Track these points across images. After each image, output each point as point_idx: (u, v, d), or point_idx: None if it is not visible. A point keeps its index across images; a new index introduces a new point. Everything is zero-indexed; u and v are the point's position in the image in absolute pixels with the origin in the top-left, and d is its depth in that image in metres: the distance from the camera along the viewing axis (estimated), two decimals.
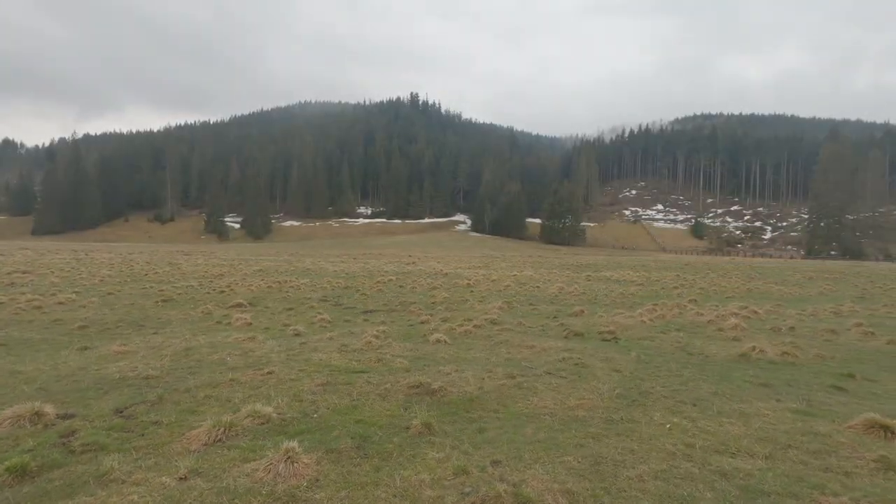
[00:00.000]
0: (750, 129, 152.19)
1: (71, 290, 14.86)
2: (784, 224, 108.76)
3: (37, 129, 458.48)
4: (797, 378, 6.56)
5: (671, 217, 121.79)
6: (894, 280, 27.85)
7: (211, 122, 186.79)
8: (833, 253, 78.36)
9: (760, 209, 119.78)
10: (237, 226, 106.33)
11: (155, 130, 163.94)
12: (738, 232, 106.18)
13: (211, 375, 6.22)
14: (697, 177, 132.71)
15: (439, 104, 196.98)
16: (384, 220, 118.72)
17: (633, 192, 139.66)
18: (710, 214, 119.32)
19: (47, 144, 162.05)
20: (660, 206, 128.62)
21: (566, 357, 7.33)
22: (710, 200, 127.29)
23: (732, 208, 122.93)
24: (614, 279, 24.76)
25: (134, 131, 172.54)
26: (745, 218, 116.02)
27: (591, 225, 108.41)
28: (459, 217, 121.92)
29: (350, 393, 5.52)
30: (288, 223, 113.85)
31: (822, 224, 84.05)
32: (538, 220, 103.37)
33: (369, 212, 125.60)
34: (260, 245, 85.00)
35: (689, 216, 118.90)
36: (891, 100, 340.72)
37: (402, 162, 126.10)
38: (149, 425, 4.50)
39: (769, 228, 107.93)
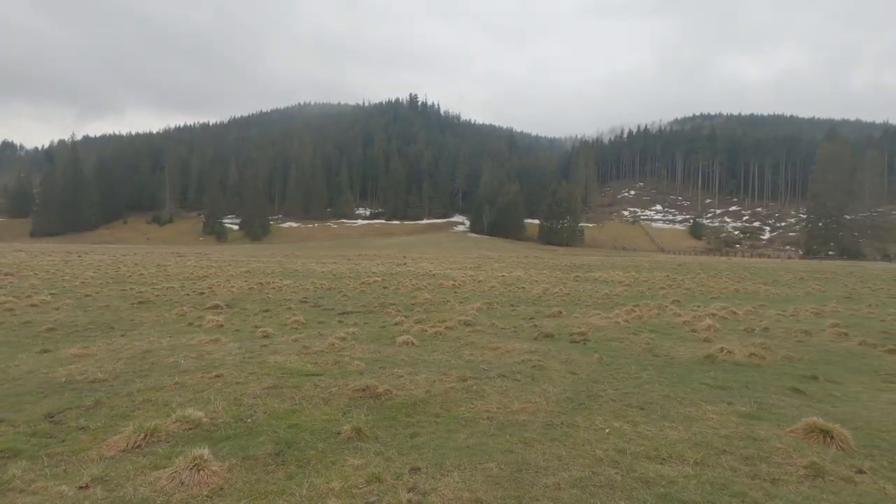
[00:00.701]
0: (749, 130, 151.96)
1: (48, 292, 14.77)
2: (783, 224, 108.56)
3: (36, 130, 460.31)
4: (757, 380, 6.44)
5: (670, 217, 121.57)
6: (885, 280, 27.68)
7: (210, 124, 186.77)
8: (831, 253, 78.09)
9: (759, 209, 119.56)
10: (236, 227, 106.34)
11: (154, 132, 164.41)
12: (736, 232, 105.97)
13: (159, 378, 6.12)
14: (696, 177, 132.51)
15: (438, 105, 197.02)
16: (383, 221, 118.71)
17: (632, 192, 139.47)
18: (709, 215, 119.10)
19: (46, 146, 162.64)
20: (658, 207, 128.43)
21: (527, 359, 7.21)
22: (708, 201, 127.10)
23: (731, 208, 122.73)
24: (602, 280, 24.62)
25: (133, 133, 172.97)
26: (744, 218, 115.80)
27: (590, 225, 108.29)
28: (458, 218, 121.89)
29: (294, 396, 5.42)
30: (287, 224, 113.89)
31: (820, 224, 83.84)
32: (537, 221, 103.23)
33: (368, 213, 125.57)
34: (257, 246, 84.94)
35: (687, 216, 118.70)
36: (889, 100, 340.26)
37: (400, 163, 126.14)
38: (74, 431, 4.39)
39: (768, 229, 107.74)
